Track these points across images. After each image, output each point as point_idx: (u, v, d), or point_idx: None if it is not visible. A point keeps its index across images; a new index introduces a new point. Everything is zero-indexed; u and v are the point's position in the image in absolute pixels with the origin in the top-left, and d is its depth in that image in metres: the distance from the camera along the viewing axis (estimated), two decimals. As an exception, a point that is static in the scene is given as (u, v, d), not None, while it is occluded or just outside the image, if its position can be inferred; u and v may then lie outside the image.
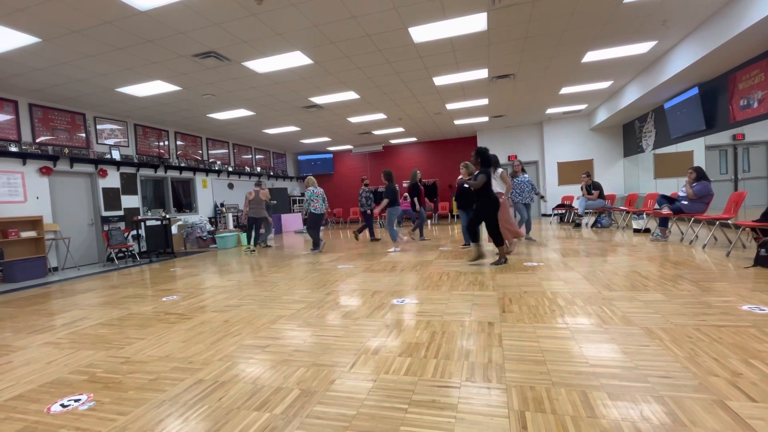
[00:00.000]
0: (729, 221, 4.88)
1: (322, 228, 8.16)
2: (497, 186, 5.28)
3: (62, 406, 1.89)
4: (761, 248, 3.79)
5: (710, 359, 1.91)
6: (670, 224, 6.04)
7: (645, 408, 1.53)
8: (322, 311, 3.24)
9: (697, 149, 7.34)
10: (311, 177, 7.29)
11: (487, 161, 4.62)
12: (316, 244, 7.06)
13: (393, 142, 13.91)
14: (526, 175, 6.67)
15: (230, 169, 11.30)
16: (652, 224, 6.73)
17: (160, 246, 8.14)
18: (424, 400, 1.71)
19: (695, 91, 7.00)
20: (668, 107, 8.01)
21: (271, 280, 4.70)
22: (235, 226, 10.57)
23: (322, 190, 7.28)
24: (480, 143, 12.95)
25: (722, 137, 6.57)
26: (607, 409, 1.54)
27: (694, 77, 6.58)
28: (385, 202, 6.81)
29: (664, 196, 6.04)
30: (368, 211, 8.22)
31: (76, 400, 1.93)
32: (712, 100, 6.80)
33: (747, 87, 5.89)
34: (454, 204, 13.05)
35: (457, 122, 11.09)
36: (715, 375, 1.76)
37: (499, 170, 5.41)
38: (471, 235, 4.89)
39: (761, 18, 4.29)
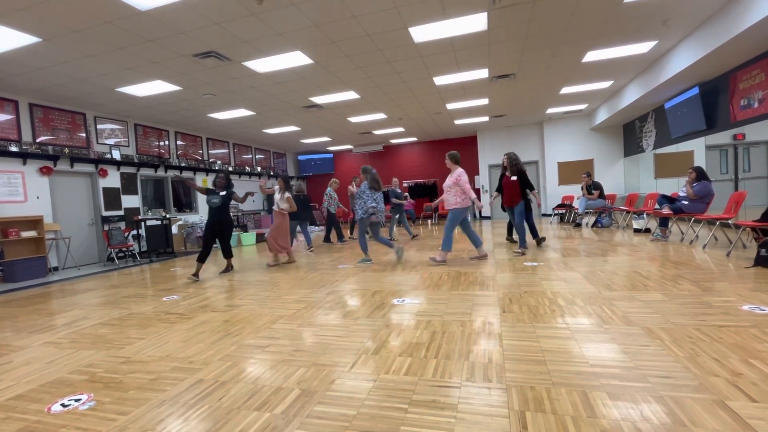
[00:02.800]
0: (729, 221, 4.88)
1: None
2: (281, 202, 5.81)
3: (63, 405, 1.89)
4: (762, 248, 3.78)
5: (710, 359, 1.91)
6: (670, 224, 6.04)
7: (645, 408, 1.53)
8: (322, 311, 3.24)
9: (697, 149, 7.33)
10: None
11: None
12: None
13: (393, 141, 13.90)
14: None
15: (230, 168, 11.30)
16: (653, 224, 6.73)
17: (161, 246, 8.14)
18: (424, 400, 1.71)
19: (696, 90, 6.99)
20: (669, 107, 8.01)
21: (271, 280, 4.70)
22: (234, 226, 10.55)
23: (329, 189, 7.85)
24: (480, 143, 12.95)
25: (723, 137, 6.56)
26: (608, 409, 1.54)
27: (694, 77, 6.57)
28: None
29: (664, 196, 6.04)
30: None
31: (76, 400, 1.93)
32: (713, 100, 6.80)
33: (747, 87, 5.88)
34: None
35: (457, 122, 11.09)
36: (715, 375, 1.76)
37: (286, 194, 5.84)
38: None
39: (762, 18, 4.28)
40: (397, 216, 8.23)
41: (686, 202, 5.52)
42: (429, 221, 12.94)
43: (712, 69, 6.18)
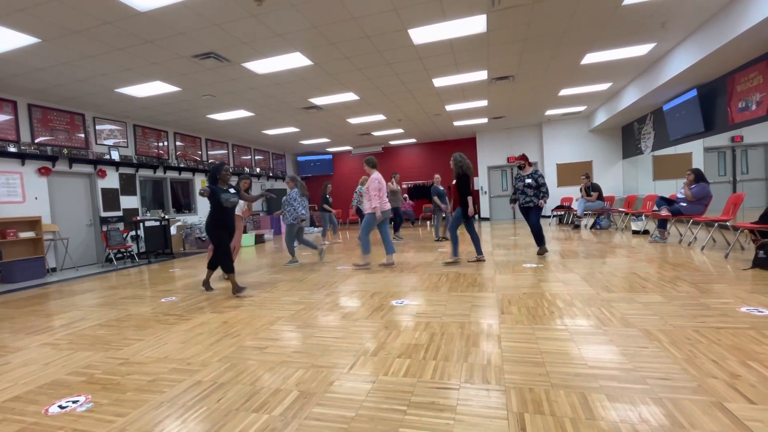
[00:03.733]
0: (727, 223, 4.89)
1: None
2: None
3: (60, 407, 1.88)
4: (759, 250, 3.79)
5: (709, 361, 1.92)
6: (668, 226, 6.05)
7: (644, 410, 1.53)
8: (321, 312, 3.24)
9: (695, 151, 7.35)
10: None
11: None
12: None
13: (392, 143, 13.91)
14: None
15: (230, 169, 11.29)
16: (651, 226, 6.74)
17: (159, 247, 8.13)
18: (423, 402, 1.71)
19: (694, 93, 7.01)
20: (667, 109, 8.03)
21: (270, 281, 4.69)
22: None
23: (360, 186, 7.87)
24: (479, 144, 12.97)
25: (721, 139, 6.58)
26: (606, 411, 1.54)
27: (692, 79, 6.60)
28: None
29: (662, 198, 6.05)
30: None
31: (74, 402, 1.92)
32: (711, 102, 6.82)
33: (745, 89, 5.91)
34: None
35: (456, 123, 11.10)
36: (713, 377, 1.76)
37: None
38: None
39: (759, 20, 4.30)
40: (443, 215, 7.97)
41: (684, 204, 5.54)
42: (428, 222, 12.95)
43: (710, 71, 6.21)
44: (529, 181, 5.29)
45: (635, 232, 6.91)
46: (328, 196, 8.52)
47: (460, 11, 4.51)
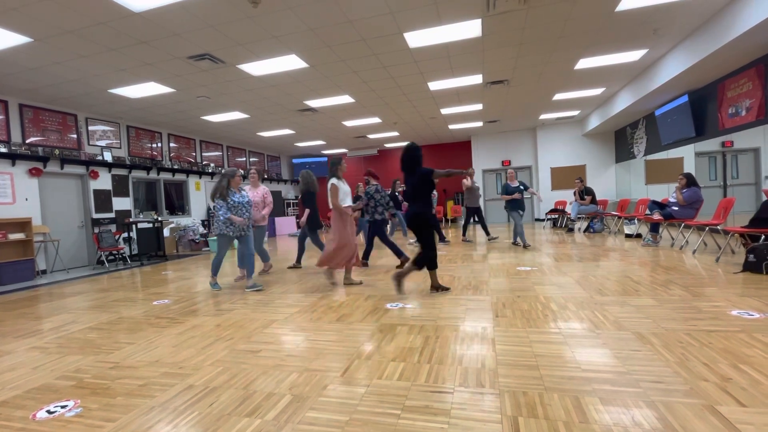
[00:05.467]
0: (718, 227, 4.95)
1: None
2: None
3: (48, 412, 1.85)
4: (750, 254, 3.84)
5: (700, 364, 1.93)
6: (660, 230, 6.11)
7: (637, 413, 1.54)
8: (315, 315, 3.22)
9: (687, 156, 7.45)
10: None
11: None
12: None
13: (388, 146, 13.93)
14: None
15: (224, 171, 11.23)
16: (644, 229, 6.80)
17: (152, 249, 8.05)
18: (417, 406, 1.70)
19: (685, 98, 7.11)
20: (659, 114, 8.13)
21: (264, 285, 4.66)
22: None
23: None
24: (474, 148, 13.03)
25: (711, 144, 6.67)
26: (600, 415, 1.55)
27: (684, 85, 6.69)
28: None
29: (655, 202, 6.12)
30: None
31: (62, 407, 1.89)
32: (702, 108, 6.92)
33: (735, 95, 6.00)
34: (449, 208, 13.12)
35: (451, 127, 11.15)
36: (705, 380, 1.77)
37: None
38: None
39: (749, 27, 4.37)
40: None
41: (676, 208, 5.60)
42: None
43: (701, 77, 6.30)
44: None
45: (628, 236, 6.97)
46: (397, 194, 7.95)
47: (455, 15, 4.54)
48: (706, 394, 1.65)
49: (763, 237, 3.98)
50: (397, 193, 7.88)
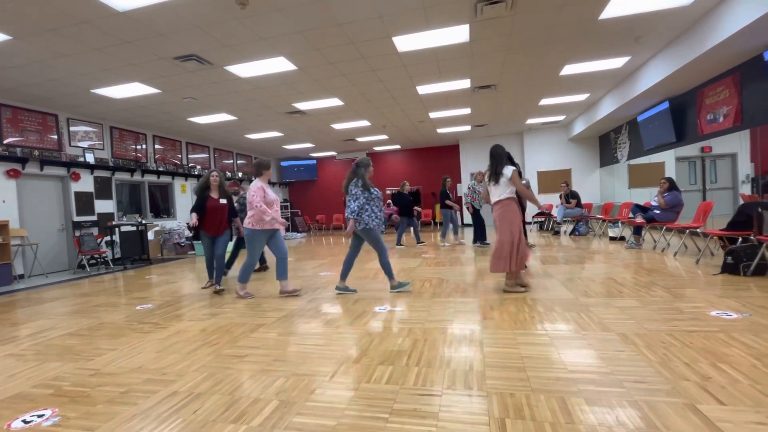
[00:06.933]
0: (698, 230, 5.09)
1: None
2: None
3: (24, 422, 1.78)
4: (728, 256, 3.96)
5: (682, 364, 1.97)
6: (643, 232, 6.25)
7: (621, 413, 1.56)
8: (303, 319, 3.19)
9: (668, 160, 7.65)
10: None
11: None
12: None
13: (377, 149, 13.95)
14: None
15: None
16: (627, 232, 6.95)
17: (136, 252, 7.88)
18: (405, 409, 1.69)
19: (666, 105, 7.31)
20: (641, 120, 8.34)
21: (251, 288, 4.59)
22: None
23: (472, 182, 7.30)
24: (462, 152, 13.15)
25: (691, 149, 6.87)
26: (585, 415, 1.56)
27: (665, 92, 6.88)
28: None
29: (637, 206, 6.26)
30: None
31: (39, 416, 1.83)
32: (682, 114, 7.12)
33: (713, 102, 6.19)
34: (437, 211, 13.18)
35: (440, 131, 11.23)
36: (686, 379, 1.81)
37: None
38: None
39: (726, 37, 4.53)
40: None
41: (658, 212, 5.74)
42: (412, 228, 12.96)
43: (681, 84, 6.49)
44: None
45: (612, 239, 7.11)
46: (448, 191, 7.79)
47: (443, 20, 4.58)
48: (687, 393, 1.68)
49: (740, 239, 4.10)
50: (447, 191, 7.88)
